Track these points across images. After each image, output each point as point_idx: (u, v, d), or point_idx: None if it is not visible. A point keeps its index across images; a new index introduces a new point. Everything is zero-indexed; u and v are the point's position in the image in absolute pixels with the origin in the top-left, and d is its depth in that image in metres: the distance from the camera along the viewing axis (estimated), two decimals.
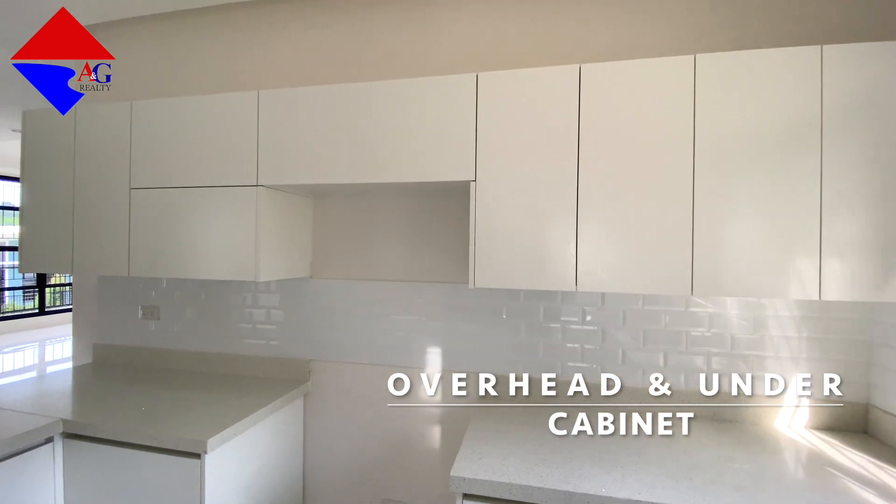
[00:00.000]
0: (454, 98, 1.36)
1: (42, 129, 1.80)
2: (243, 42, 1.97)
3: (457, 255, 1.71)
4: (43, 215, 1.78)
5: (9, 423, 1.39)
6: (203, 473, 1.31)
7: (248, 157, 1.54)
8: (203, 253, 1.59)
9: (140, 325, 2.07)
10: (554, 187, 1.28)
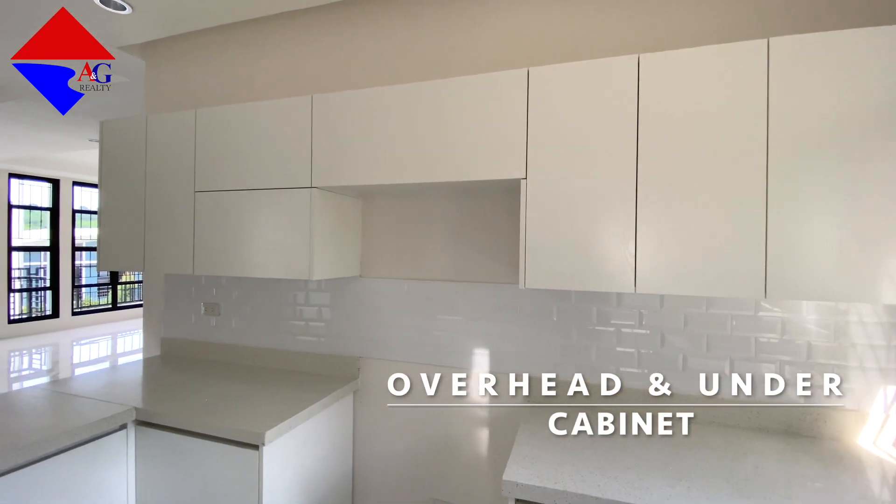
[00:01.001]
0: (504, 95, 1.34)
1: (117, 137, 1.94)
2: (299, 49, 2.04)
3: (504, 255, 1.68)
4: (118, 218, 1.92)
5: (87, 409, 1.50)
6: (261, 464, 1.36)
7: (302, 160, 1.59)
8: (260, 252, 1.66)
9: (202, 321, 2.19)
10: (610, 184, 1.23)
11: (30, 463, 1.24)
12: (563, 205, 1.27)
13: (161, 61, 2.35)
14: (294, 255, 1.60)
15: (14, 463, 1.21)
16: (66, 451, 1.34)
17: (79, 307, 7.43)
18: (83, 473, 1.38)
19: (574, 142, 1.26)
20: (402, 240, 1.85)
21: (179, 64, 2.30)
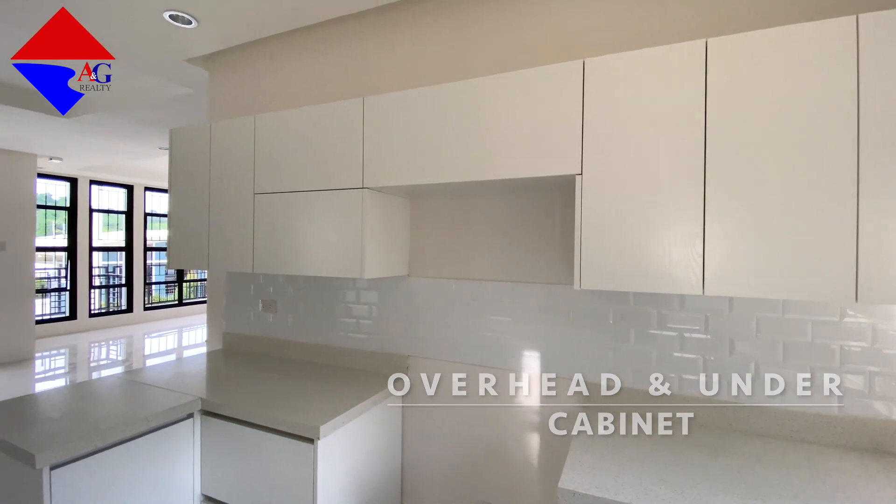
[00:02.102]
0: (558, 88, 1.29)
1: (184, 144, 2.07)
2: (350, 52, 2.09)
3: (556, 255, 1.63)
4: (185, 220, 2.05)
5: (158, 398, 1.61)
6: (316, 457, 1.40)
7: (354, 161, 1.62)
8: (314, 252, 1.71)
9: (260, 317, 2.29)
10: (674, 179, 1.15)
11: (108, 447, 1.35)
12: (623, 201, 1.21)
13: (223, 71, 2.49)
14: (346, 254, 1.63)
15: (95, 446, 1.31)
16: (140, 436, 1.44)
17: (149, 303, 8.05)
18: (155, 458, 1.48)
19: (634, 134, 1.20)
20: (450, 239, 1.85)
21: (239, 72, 2.42)
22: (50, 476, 1.19)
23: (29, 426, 1.33)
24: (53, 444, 1.21)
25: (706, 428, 1.38)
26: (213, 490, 1.60)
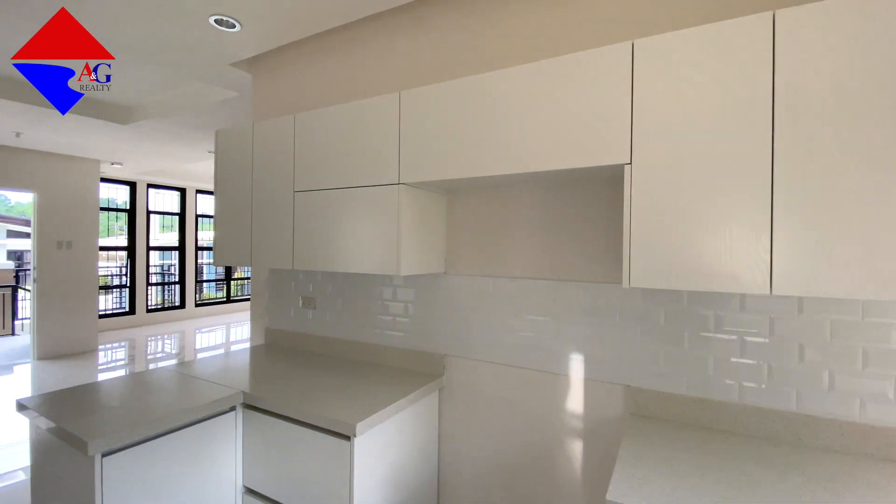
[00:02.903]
0: (605, 72, 1.21)
1: (229, 145, 2.13)
2: (387, 48, 2.08)
3: (602, 252, 1.54)
4: (229, 218, 2.11)
5: (205, 391, 1.65)
6: (352, 454, 1.38)
7: (390, 157, 1.60)
8: (351, 248, 1.70)
9: (300, 313, 2.33)
10: (737, 166, 1.05)
11: (157, 436, 1.39)
12: (677, 191, 1.11)
13: (264, 73, 2.55)
14: (382, 251, 1.62)
15: (145, 434, 1.36)
16: (188, 426, 1.48)
17: (200, 299, 8.49)
18: (199, 449, 1.52)
19: (690, 119, 1.10)
20: (488, 236, 1.79)
21: (280, 74, 2.48)
22: (101, 463, 1.24)
23: (85, 414, 1.40)
24: (106, 432, 1.27)
25: (772, 442, 1.25)
26: (255, 483, 1.62)
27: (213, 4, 1.99)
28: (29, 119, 3.86)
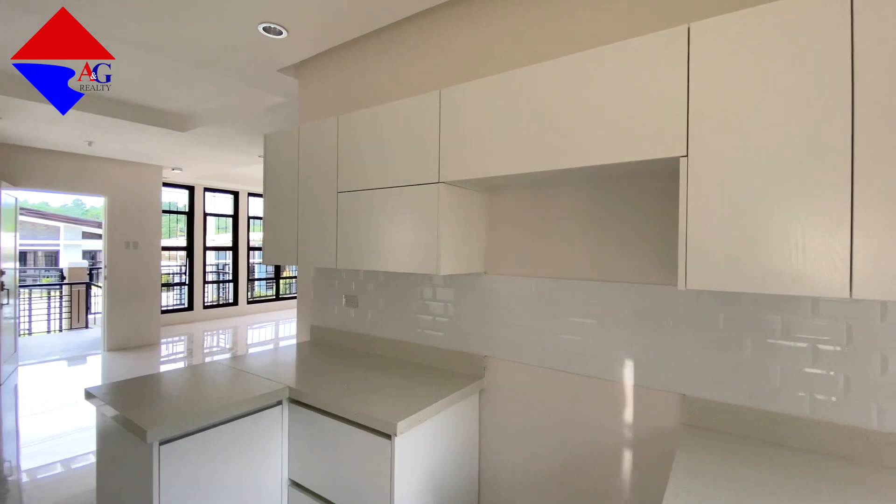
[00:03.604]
0: (658, 60, 1.14)
1: (276, 148, 2.20)
2: (427, 47, 2.08)
3: (653, 251, 1.46)
4: (277, 218, 2.19)
5: (254, 385, 1.72)
6: (393, 453, 1.39)
7: (430, 156, 1.59)
8: (392, 248, 1.71)
9: (343, 311, 2.38)
10: (811, 154, 0.95)
11: (211, 426, 1.46)
12: (740, 185, 1.02)
13: (310, 77, 2.63)
14: (422, 250, 1.61)
15: (199, 425, 1.42)
16: (238, 419, 1.54)
17: (252, 297, 8.92)
18: (248, 440, 1.57)
19: (755, 105, 1.01)
20: (530, 235, 1.74)
21: (325, 78, 2.54)
22: (159, 450, 1.31)
23: (146, 404, 1.48)
24: (163, 421, 1.34)
25: (848, 461, 1.13)
26: (299, 476, 1.67)
27: (262, 13, 2.06)
28: (99, 128, 4.19)
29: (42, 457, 2.95)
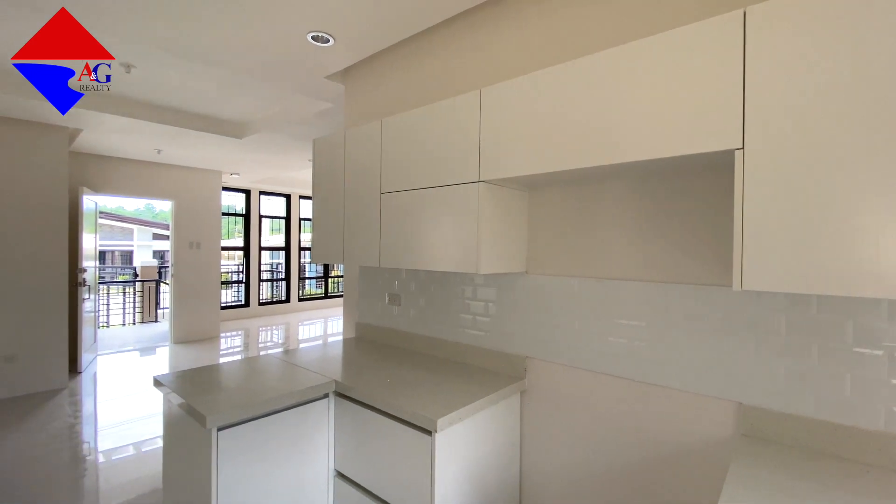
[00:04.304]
0: (709, 48, 1.08)
1: (324, 152, 2.29)
2: (466, 48, 2.08)
3: (704, 250, 1.38)
4: (325, 219, 2.27)
5: (303, 378, 1.80)
6: (433, 449, 1.40)
7: (471, 155, 1.60)
8: (432, 247, 1.73)
9: (386, 309, 2.43)
10: (890, 142, 0.86)
11: (264, 415, 1.54)
12: (805, 177, 0.95)
13: (355, 82, 2.71)
14: (462, 249, 1.62)
15: (253, 413, 1.51)
16: (288, 409, 1.62)
17: (302, 295, 9.31)
18: (298, 430, 1.65)
19: (819, 90, 0.93)
20: (573, 233, 1.70)
21: (369, 82, 2.61)
22: (217, 436, 1.41)
23: (206, 392, 1.59)
24: (221, 408, 1.43)
25: None
26: (344, 467, 1.72)
27: (311, 22, 2.15)
28: (167, 138, 4.54)
29: (116, 439, 3.24)
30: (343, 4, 2.00)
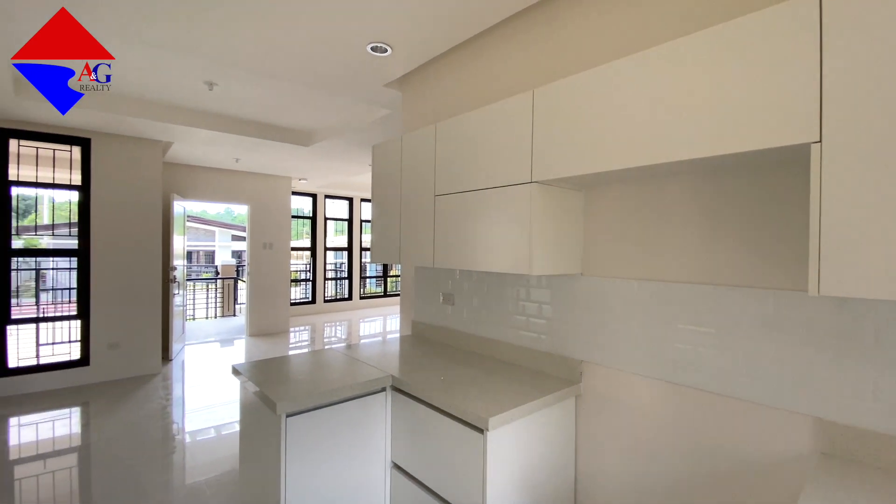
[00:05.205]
0: (781, 35, 1.00)
1: (382, 156, 2.39)
2: (519, 49, 2.08)
3: (779, 251, 1.28)
4: (383, 221, 2.37)
5: (363, 371, 1.89)
6: (485, 448, 1.42)
7: (523, 156, 1.60)
8: (485, 248, 1.75)
9: (441, 309, 2.49)
10: None
11: (327, 404, 1.65)
12: (892, 171, 0.86)
13: (412, 89, 2.80)
14: (515, 250, 1.62)
15: (318, 403, 1.62)
16: (349, 400, 1.71)
17: (363, 293, 9.70)
18: (359, 420, 1.74)
19: None
20: (632, 233, 1.64)
21: (425, 88, 2.68)
22: (286, 422, 1.53)
23: (277, 381, 1.73)
24: (290, 397, 1.55)
25: None
26: (400, 459, 1.79)
27: (370, 34, 2.26)
28: (244, 147, 4.95)
29: (200, 421, 3.59)
30: (401, 15, 2.08)
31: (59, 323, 4.33)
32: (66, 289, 4.44)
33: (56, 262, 4.43)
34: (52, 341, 4.28)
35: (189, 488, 2.57)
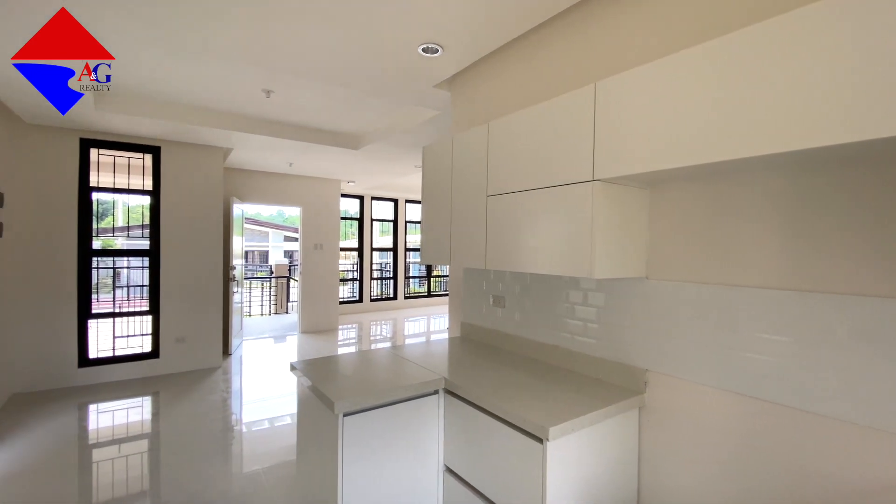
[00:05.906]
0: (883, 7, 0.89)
1: (433, 157, 2.39)
2: (578, 43, 2.00)
3: (873, 255, 1.14)
4: (433, 222, 2.37)
5: (414, 373, 1.89)
6: (545, 459, 1.37)
7: (583, 153, 1.53)
8: (540, 249, 1.69)
9: (491, 311, 2.45)
10: None
11: (381, 406, 1.66)
12: None
13: (461, 89, 2.77)
14: (574, 252, 1.55)
15: (373, 403, 1.64)
16: (403, 402, 1.71)
17: (407, 293, 9.82)
18: (412, 422, 1.74)
19: None
20: (702, 234, 1.53)
21: (475, 87, 2.65)
22: (343, 421, 1.55)
23: (333, 380, 1.76)
24: (347, 396, 1.57)
25: None
26: (453, 463, 1.77)
27: (421, 35, 2.26)
28: (297, 152, 5.13)
29: (256, 413, 3.76)
30: (453, 14, 2.06)
31: (132, 318, 4.68)
32: (138, 286, 4.79)
33: (130, 261, 4.79)
34: (126, 334, 4.63)
35: (247, 476, 2.68)
